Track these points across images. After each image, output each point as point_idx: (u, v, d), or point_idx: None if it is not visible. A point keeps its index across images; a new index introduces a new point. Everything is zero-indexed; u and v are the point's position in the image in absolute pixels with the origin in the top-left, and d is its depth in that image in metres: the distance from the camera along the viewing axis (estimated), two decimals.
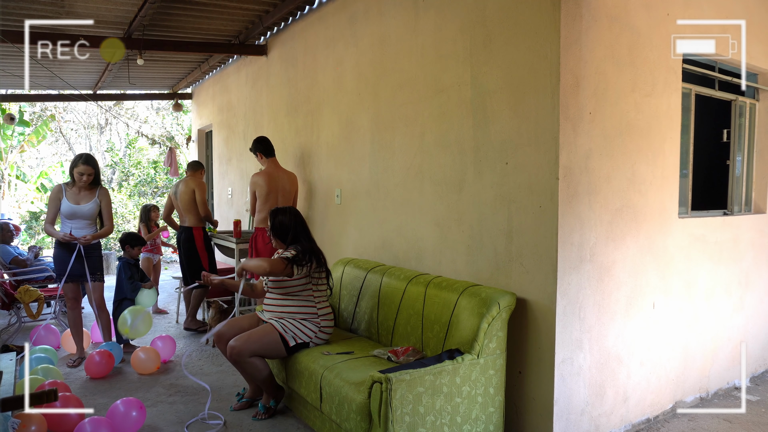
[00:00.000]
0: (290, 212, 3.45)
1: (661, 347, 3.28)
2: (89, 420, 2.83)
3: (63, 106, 13.79)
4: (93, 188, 4.31)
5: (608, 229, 2.93)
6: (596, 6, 2.77)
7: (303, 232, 3.41)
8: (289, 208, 3.49)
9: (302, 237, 3.38)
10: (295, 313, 3.30)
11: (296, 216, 3.46)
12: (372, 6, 4.04)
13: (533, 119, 2.78)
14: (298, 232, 3.39)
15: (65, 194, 4.22)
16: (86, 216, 4.25)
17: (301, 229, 3.41)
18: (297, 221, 3.43)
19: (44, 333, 4.56)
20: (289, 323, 3.25)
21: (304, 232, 3.42)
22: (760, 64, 3.88)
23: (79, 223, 4.24)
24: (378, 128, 4.01)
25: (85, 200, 4.25)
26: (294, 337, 3.21)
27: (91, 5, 4.64)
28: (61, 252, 4.22)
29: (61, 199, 4.21)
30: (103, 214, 4.35)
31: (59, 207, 4.22)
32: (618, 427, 3.07)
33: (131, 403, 3.07)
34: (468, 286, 2.96)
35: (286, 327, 3.23)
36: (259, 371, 3.22)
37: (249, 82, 6.39)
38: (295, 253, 3.24)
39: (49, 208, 4.26)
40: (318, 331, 3.29)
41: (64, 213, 4.21)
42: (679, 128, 3.32)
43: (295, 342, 3.21)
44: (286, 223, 3.40)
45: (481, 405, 2.70)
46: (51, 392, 1.92)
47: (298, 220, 3.45)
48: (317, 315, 3.31)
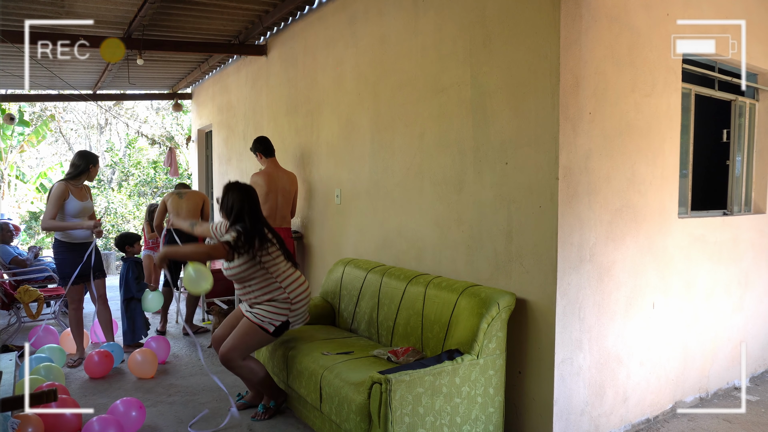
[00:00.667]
0: (242, 189, 3.27)
1: (661, 347, 3.28)
2: (98, 419, 2.85)
3: (63, 106, 13.79)
4: (84, 186, 4.37)
5: (608, 229, 2.93)
6: (596, 6, 2.77)
7: (250, 212, 3.21)
8: (243, 186, 3.32)
9: (247, 216, 3.19)
10: (260, 296, 3.19)
11: (246, 194, 3.26)
12: (372, 6, 4.03)
13: (533, 119, 2.78)
14: (244, 210, 3.20)
15: (71, 193, 4.19)
16: (89, 213, 4.29)
17: (248, 208, 3.22)
18: (246, 199, 3.23)
19: (43, 334, 4.55)
20: (260, 310, 3.17)
21: (251, 211, 3.22)
22: (760, 64, 3.88)
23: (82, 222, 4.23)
24: (378, 128, 4.01)
25: (86, 198, 4.29)
26: (270, 322, 3.14)
27: (91, 5, 4.64)
28: (71, 255, 4.19)
29: (66, 199, 4.14)
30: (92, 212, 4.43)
31: (62, 206, 4.13)
32: (618, 427, 3.07)
33: (131, 403, 3.08)
34: (468, 286, 2.96)
35: (259, 315, 3.16)
36: (255, 373, 3.21)
37: (249, 82, 6.39)
38: (235, 237, 3.09)
39: (53, 205, 4.09)
40: (291, 306, 3.19)
41: (73, 211, 4.17)
42: (678, 128, 3.32)
43: (273, 326, 3.15)
44: (233, 200, 3.23)
45: (481, 405, 2.70)
46: (50, 392, 1.93)
47: (248, 197, 3.25)
48: (283, 290, 3.19)
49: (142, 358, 4.00)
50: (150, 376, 4.02)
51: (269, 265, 3.18)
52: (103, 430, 2.81)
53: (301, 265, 5.26)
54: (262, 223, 3.24)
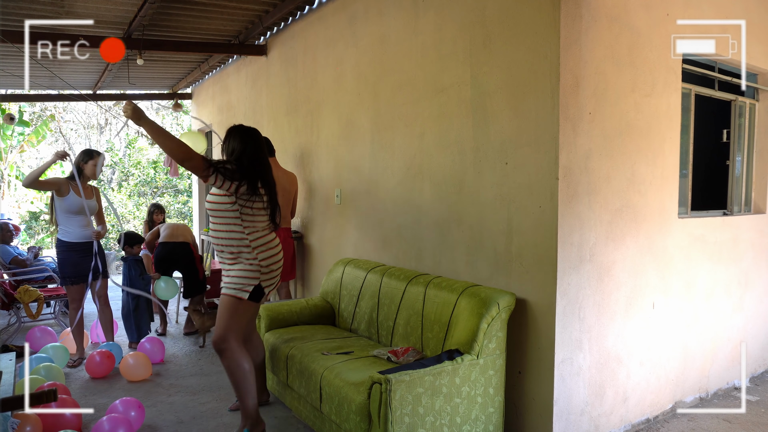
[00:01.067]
0: (244, 132, 3.03)
1: (661, 347, 3.28)
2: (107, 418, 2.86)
3: (63, 106, 13.80)
4: (90, 186, 4.36)
5: (608, 229, 2.93)
6: (596, 6, 2.77)
7: (252, 154, 2.96)
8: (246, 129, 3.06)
9: (247, 159, 2.94)
10: (230, 251, 2.98)
11: (249, 136, 3.01)
12: (372, 6, 4.03)
13: (533, 119, 2.78)
14: (244, 154, 2.94)
15: (72, 189, 4.19)
16: (92, 211, 4.29)
17: (250, 151, 2.96)
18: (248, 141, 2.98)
19: (40, 334, 4.53)
20: (231, 279, 3.00)
21: (252, 154, 2.96)
22: (760, 64, 3.88)
23: (83, 220, 4.24)
24: (378, 128, 4.01)
25: (88, 196, 4.27)
26: (242, 289, 2.95)
27: (91, 5, 4.64)
28: (74, 255, 4.21)
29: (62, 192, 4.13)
30: (100, 215, 4.43)
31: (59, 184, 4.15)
32: (618, 427, 3.07)
33: (130, 403, 3.07)
34: (468, 286, 2.96)
35: (230, 285, 2.98)
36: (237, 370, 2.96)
37: (249, 82, 6.39)
38: (223, 162, 2.88)
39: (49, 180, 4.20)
40: (259, 267, 2.97)
41: (73, 209, 4.17)
42: (678, 128, 3.32)
43: (247, 292, 2.96)
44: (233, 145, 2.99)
45: (481, 405, 2.70)
46: (50, 392, 1.93)
47: (251, 140, 3.00)
48: (251, 251, 2.96)
49: (134, 362, 3.95)
50: (142, 378, 3.98)
51: (246, 217, 2.94)
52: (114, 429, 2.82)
53: (301, 265, 5.26)
54: (260, 173, 2.97)
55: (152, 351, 4.31)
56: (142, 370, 3.98)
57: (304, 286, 5.31)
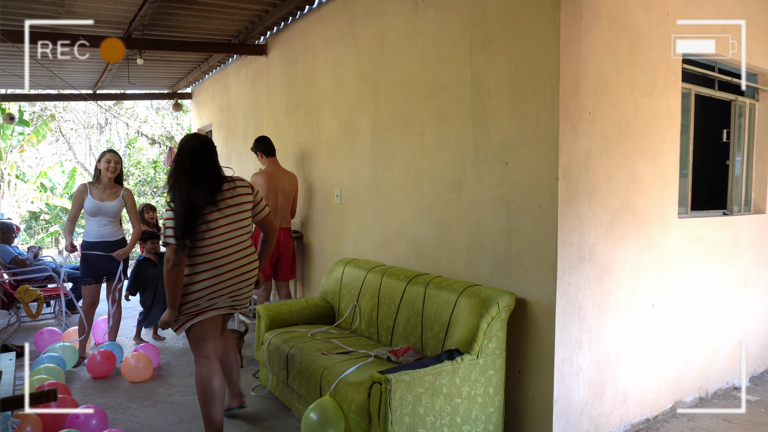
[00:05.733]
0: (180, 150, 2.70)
1: (661, 347, 3.28)
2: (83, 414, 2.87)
3: (63, 106, 13.79)
4: (117, 187, 4.39)
5: (608, 229, 2.93)
6: (596, 6, 2.77)
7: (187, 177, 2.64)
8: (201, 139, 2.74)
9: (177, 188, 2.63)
10: None
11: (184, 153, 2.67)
12: (372, 6, 4.03)
13: (533, 119, 2.79)
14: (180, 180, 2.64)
15: (90, 192, 4.28)
16: (110, 213, 4.32)
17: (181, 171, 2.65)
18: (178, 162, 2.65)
19: (48, 336, 4.54)
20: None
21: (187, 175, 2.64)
22: (760, 64, 3.88)
23: (102, 220, 4.30)
24: (378, 128, 4.01)
25: (109, 198, 4.31)
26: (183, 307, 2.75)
27: (91, 5, 4.64)
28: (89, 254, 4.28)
29: (85, 198, 4.27)
30: (130, 217, 4.52)
31: (82, 205, 4.29)
32: (617, 427, 3.07)
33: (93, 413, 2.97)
34: (467, 286, 2.96)
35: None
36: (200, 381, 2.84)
37: (249, 81, 6.39)
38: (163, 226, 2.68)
39: (72, 206, 4.35)
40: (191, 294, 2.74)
41: (88, 210, 4.27)
42: (678, 128, 3.32)
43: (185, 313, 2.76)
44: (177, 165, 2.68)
45: (481, 405, 2.70)
46: (50, 392, 1.93)
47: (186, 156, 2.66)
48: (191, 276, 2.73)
49: (136, 362, 3.95)
50: (143, 379, 3.97)
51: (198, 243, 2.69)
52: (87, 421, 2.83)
53: (301, 264, 5.26)
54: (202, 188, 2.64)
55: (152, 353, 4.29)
56: (143, 370, 3.97)
57: (304, 285, 5.31)
